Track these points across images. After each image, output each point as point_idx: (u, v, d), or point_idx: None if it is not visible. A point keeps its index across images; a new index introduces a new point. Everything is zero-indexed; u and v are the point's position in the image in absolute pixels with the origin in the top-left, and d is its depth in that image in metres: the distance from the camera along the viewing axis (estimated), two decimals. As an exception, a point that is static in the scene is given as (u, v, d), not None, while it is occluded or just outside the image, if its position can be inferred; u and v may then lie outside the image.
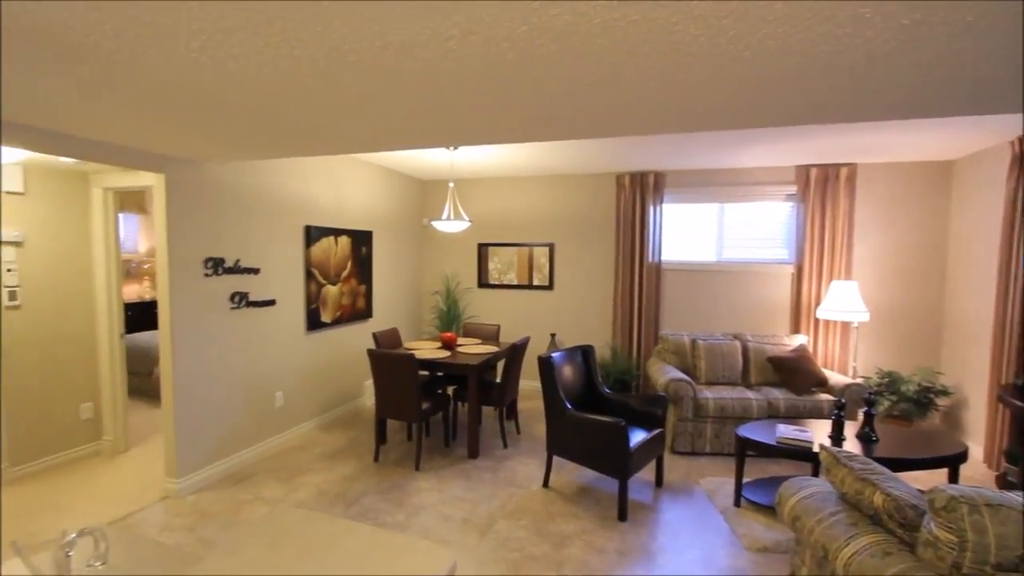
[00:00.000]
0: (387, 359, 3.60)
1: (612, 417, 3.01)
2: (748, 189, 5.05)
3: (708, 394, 3.98)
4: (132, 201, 6.66)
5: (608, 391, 3.71)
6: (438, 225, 4.32)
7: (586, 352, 3.78)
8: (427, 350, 4.17)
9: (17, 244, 3.36)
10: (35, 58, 1.54)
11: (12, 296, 3.35)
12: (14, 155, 3.06)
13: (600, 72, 1.61)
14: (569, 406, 3.25)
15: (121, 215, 5.12)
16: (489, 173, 5.60)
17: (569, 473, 3.64)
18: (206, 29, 1.32)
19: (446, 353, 4.07)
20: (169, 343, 3.18)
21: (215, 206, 3.44)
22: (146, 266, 7.09)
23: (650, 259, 5.21)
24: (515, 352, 4.03)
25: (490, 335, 4.90)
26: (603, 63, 1.53)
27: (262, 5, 1.19)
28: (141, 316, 6.50)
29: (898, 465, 2.73)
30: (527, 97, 1.87)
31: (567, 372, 3.56)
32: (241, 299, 3.65)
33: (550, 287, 5.72)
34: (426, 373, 4.37)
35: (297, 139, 2.63)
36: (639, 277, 5.26)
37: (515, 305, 5.90)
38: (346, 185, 4.75)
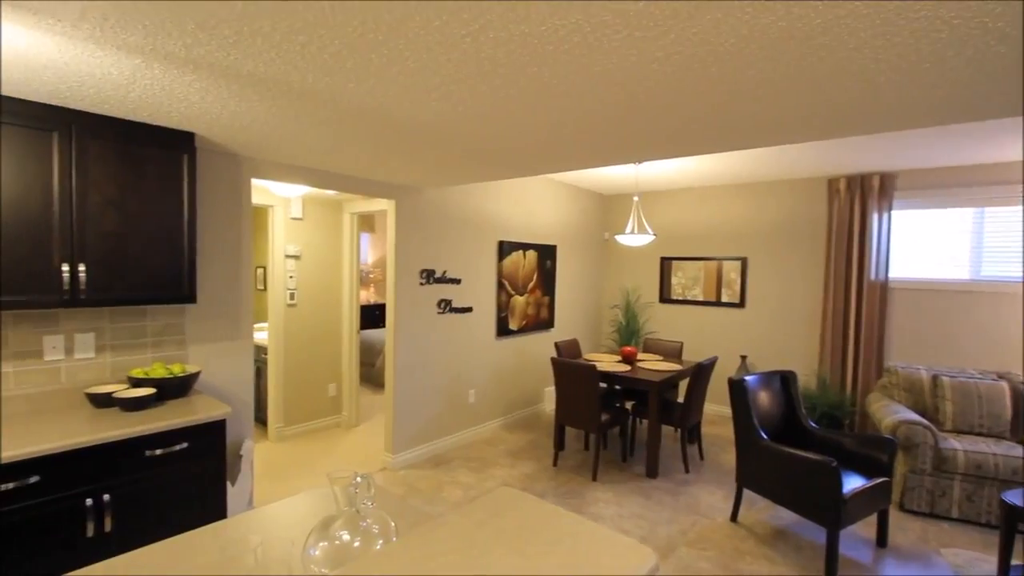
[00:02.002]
0: (569, 368, 3.74)
1: (819, 454, 2.64)
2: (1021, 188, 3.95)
3: (956, 444, 3.21)
4: (365, 222, 8.14)
5: (814, 425, 3.26)
6: (622, 239, 4.35)
7: (786, 379, 3.39)
8: (607, 363, 4.21)
9: (296, 258, 4.41)
10: (318, 117, 2.04)
11: (291, 297, 4.40)
12: (298, 190, 4.04)
13: (817, 73, 1.48)
14: (764, 436, 2.96)
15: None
16: (675, 184, 5.43)
17: (762, 511, 3.29)
18: (445, 82, 1.61)
19: (626, 367, 4.06)
20: (393, 339, 3.81)
21: (428, 225, 4.03)
22: (371, 275, 8.57)
23: (872, 276, 4.43)
24: (701, 372, 3.82)
25: (672, 352, 4.72)
26: (822, 63, 1.41)
27: (489, 56, 1.40)
28: (366, 316, 7.89)
29: None
30: (732, 106, 1.80)
31: (763, 399, 3.24)
32: (446, 305, 4.19)
33: (741, 305, 5.27)
34: (604, 385, 4.42)
35: (504, 164, 2.95)
36: (856, 297, 4.51)
37: (700, 322, 5.57)
38: (534, 202, 5.09)
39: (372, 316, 8.01)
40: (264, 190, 4.08)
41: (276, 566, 1.06)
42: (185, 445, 2.13)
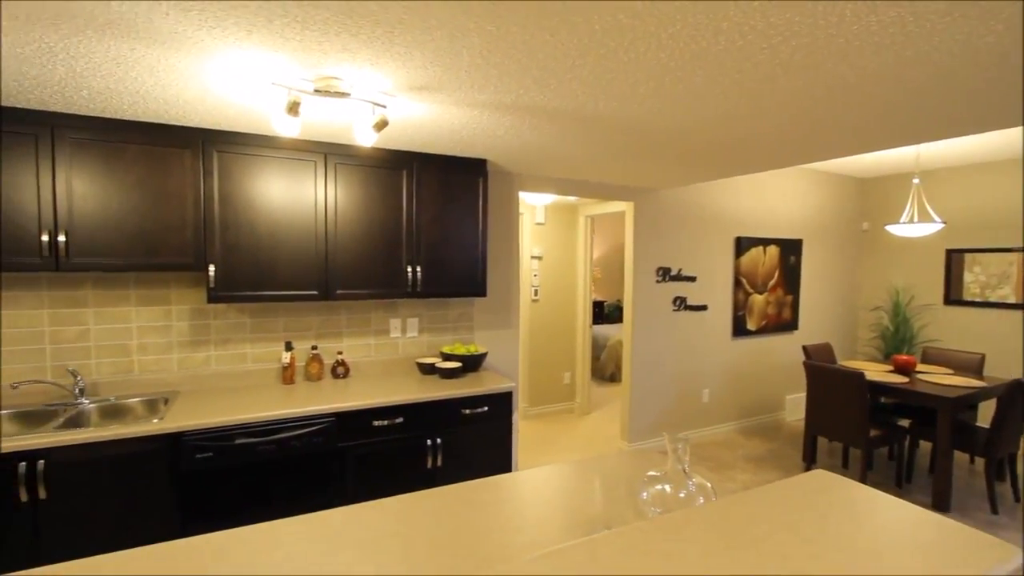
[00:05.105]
0: (830, 374, 3.41)
1: None
2: None
3: None
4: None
5: None
6: (897, 230, 3.75)
7: None
8: (874, 371, 3.68)
9: (539, 259, 4.98)
10: (591, 135, 2.34)
11: (535, 293, 4.98)
12: (544, 199, 4.56)
13: None
14: None
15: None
16: (971, 159, 4.39)
17: None
18: (726, 90, 1.71)
19: (902, 378, 3.49)
20: (630, 334, 4.02)
21: (664, 224, 4.12)
22: (592, 273, 8.99)
23: None
24: (1018, 391, 3.06)
25: (968, 366, 3.87)
26: None
27: (784, 61, 1.46)
28: (588, 313, 8.33)
29: None
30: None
31: None
32: (680, 303, 4.22)
33: (1083, 309, 3.98)
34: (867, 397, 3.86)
35: (763, 157, 2.87)
36: None
37: (1009, 331, 4.40)
38: (774, 194, 4.72)
39: (593, 312, 8.42)
40: (519, 200, 4.71)
41: (618, 501, 1.37)
42: (486, 408, 2.69)
